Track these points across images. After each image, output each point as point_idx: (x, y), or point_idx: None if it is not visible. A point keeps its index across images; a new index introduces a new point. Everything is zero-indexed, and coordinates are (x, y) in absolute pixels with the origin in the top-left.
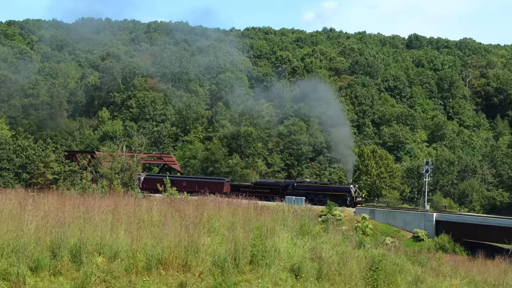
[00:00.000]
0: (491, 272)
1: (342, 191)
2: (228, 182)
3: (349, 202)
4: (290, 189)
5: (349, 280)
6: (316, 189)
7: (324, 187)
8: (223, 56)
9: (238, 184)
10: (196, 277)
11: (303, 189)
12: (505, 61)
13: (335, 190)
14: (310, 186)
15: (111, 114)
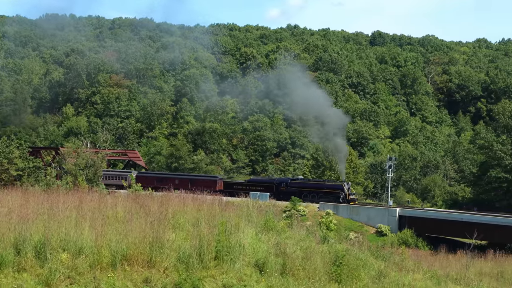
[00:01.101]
0: (453, 266)
1: (335, 188)
2: (221, 180)
3: (342, 199)
4: (283, 186)
5: (313, 275)
6: (310, 186)
7: (317, 184)
8: (188, 52)
9: (232, 181)
10: (160, 273)
11: (297, 186)
12: (466, 58)
13: (328, 187)
14: (304, 183)
15: (76, 111)
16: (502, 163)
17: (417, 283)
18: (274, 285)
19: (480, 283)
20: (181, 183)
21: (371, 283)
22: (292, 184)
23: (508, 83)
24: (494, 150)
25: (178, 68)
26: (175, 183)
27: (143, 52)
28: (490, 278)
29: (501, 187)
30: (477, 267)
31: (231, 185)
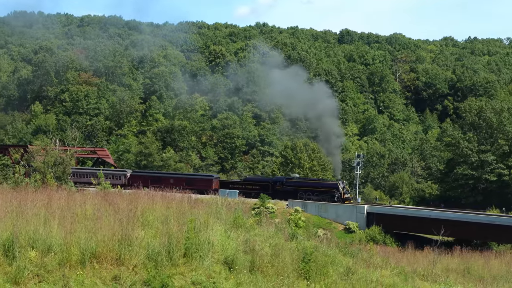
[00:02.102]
0: (420, 262)
1: (330, 187)
2: (217, 179)
3: (337, 198)
4: (279, 185)
5: (281, 271)
6: (305, 185)
7: (313, 183)
8: (157, 50)
9: (227, 180)
10: (130, 270)
11: (293, 185)
12: (433, 56)
13: (323, 186)
14: (300, 182)
15: (44, 108)
16: (468, 160)
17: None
18: (243, 282)
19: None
20: (176, 182)
21: (340, 279)
22: (287, 183)
23: (475, 81)
24: (461, 148)
25: (147, 65)
26: (170, 182)
27: (112, 50)
28: (457, 274)
29: (467, 184)
30: (444, 263)
31: (226, 184)
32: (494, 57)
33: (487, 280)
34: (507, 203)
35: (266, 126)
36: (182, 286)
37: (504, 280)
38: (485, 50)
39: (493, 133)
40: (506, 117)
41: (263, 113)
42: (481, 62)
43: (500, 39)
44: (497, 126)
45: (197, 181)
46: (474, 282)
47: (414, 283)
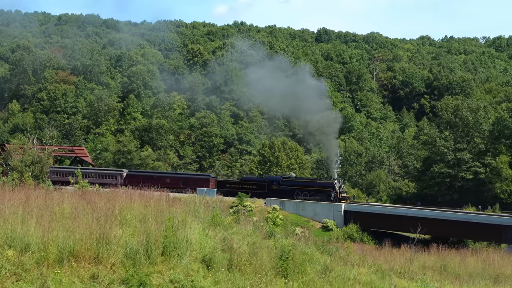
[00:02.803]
0: (397, 260)
1: (327, 186)
2: (214, 179)
3: (333, 198)
4: (275, 185)
5: (259, 269)
6: (302, 184)
7: (309, 182)
8: (135, 49)
9: (224, 180)
10: (108, 269)
11: (289, 184)
12: (410, 54)
13: (319, 185)
14: (296, 181)
15: (22, 107)
16: (445, 159)
17: (362, 277)
18: (221, 280)
19: (423, 276)
20: (173, 182)
21: (317, 277)
22: (284, 182)
23: (451, 80)
24: (437, 146)
25: (125, 64)
26: (167, 182)
27: (90, 48)
28: (434, 271)
29: (444, 182)
30: (421, 260)
31: (223, 184)
32: (470, 56)
33: (464, 278)
34: (483, 201)
35: (244, 125)
36: (160, 284)
37: (480, 277)
38: (461, 49)
39: (469, 132)
40: (482, 116)
41: (241, 112)
42: (457, 61)
43: (476, 38)
44: (473, 125)
45: (194, 181)
46: (451, 280)
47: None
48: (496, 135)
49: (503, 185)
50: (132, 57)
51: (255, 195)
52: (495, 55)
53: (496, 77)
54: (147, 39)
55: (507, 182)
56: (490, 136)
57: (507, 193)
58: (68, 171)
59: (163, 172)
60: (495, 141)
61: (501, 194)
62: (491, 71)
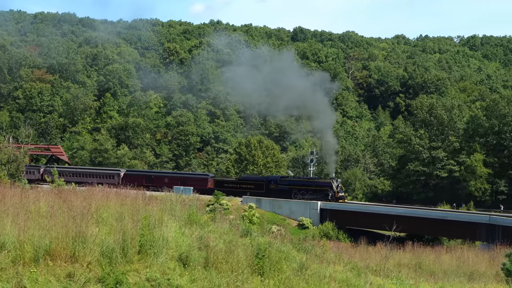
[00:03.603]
0: (373, 258)
1: (324, 185)
2: (212, 178)
3: (331, 197)
4: (273, 184)
5: (236, 267)
6: (299, 184)
7: (307, 182)
8: (111, 47)
9: (222, 179)
10: (84, 267)
11: (287, 184)
12: (385, 53)
13: (317, 185)
14: (293, 181)
15: None
16: (420, 157)
17: (338, 274)
18: (198, 278)
19: (399, 274)
20: (171, 182)
21: (293, 275)
22: (282, 182)
23: (426, 79)
24: (412, 144)
25: (101, 63)
26: (165, 181)
27: (66, 47)
28: (409, 269)
29: (419, 180)
30: (396, 258)
31: (221, 183)
32: (445, 55)
33: (438, 275)
34: (458, 199)
35: (221, 123)
36: (137, 282)
37: (455, 274)
38: (436, 48)
39: (444, 130)
40: (456, 114)
41: (218, 110)
42: (432, 60)
43: (451, 37)
44: (448, 123)
45: (192, 180)
46: (426, 277)
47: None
48: (470, 133)
49: (477, 183)
50: (108, 55)
51: (253, 194)
52: (469, 54)
53: (470, 76)
54: (124, 38)
55: (481, 180)
56: (465, 134)
57: (481, 191)
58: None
59: (161, 171)
60: (470, 139)
61: (475, 192)
62: (465, 70)
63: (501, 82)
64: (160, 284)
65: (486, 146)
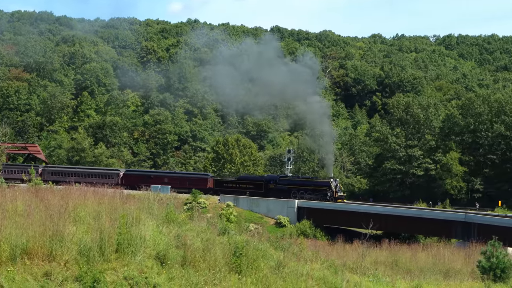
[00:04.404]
0: (350, 255)
1: (322, 185)
2: (212, 178)
3: (329, 197)
4: (272, 184)
5: (213, 266)
6: (298, 183)
7: (305, 181)
8: (88, 46)
9: (222, 179)
10: (61, 266)
11: (286, 183)
12: (362, 52)
13: (315, 185)
14: (292, 180)
15: None
16: (396, 155)
17: (315, 272)
18: (175, 276)
19: (375, 271)
20: (171, 181)
21: (271, 273)
22: (281, 181)
23: (402, 78)
24: (389, 143)
25: (78, 61)
26: (165, 181)
27: (43, 46)
28: (385, 266)
29: (395, 178)
30: (373, 256)
31: (221, 183)
32: (421, 54)
33: (415, 273)
34: (434, 197)
35: (198, 122)
36: (114, 281)
37: (431, 272)
38: (412, 47)
39: (420, 129)
40: (432, 113)
41: (195, 109)
42: (408, 58)
43: (427, 37)
44: (424, 122)
45: (192, 180)
46: (402, 274)
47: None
48: (446, 132)
49: (453, 181)
50: (86, 54)
51: (253, 194)
52: (445, 53)
53: (446, 75)
54: (101, 36)
55: (457, 178)
56: (441, 133)
57: (457, 189)
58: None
59: (161, 171)
60: (445, 138)
61: (451, 190)
62: (441, 69)
63: (477, 81)
64: (137, 282)
65: (462, 144)
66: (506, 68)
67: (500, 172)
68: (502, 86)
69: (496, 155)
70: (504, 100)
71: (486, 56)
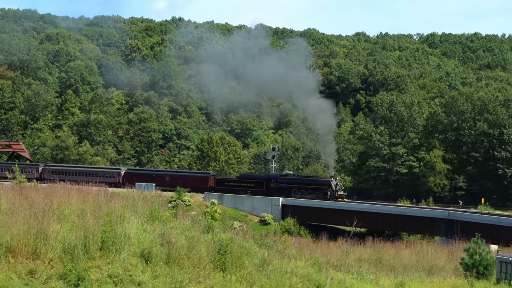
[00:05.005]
0: (334, 253)
1: (323, 184)
2: (213, 176)
3: (329, 195)
4: (273, 182)
5: (198, 263)
6: (299, 182)
7: (306, 180)
8: (73, 44)
9: (223, 178)
10: (45, 264)
11: (286, 182)
12: (346, 51)
13: (316, 183)
14: (293, 179)
15: None
16: (380, 153)
17: (299, 270)
18: (160, 274)
19: (359, 269)
20: (172, 180)
21: (255, 270)
22: (281, 180)
23: (386, 76)
24: (373, 141)
25: (62, 59)
26: (166, 180)
27: (27, 43)
28: (369, 264)
29: (379, 176)
30: (357, 253)
31: (222, 181)
32: (405, 52)
33: (398, 270)
34: (417, 194)
35: (183, 120)
36: (99, 279)
37: (414, 269)
38: (396, 45)
39: (404, 127)
40: (416, 111)
41: (180, 107)
42: (392, 57)
43: (410, 35)
44: (408, 120)
45: (194, 179)
46: (386, 272)
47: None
48: (429, 130)
49: (436, 178)
50: (70, 52)
51: (254, 193)
52: (429, 52)
53: (429, 73)
54: (85, 34)
55: (440, 176)
56: (424, 131)
57: (440, 187)
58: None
59: (162, 170)
60: (429, 135)
61: (435, 188)
62: (424, 67)
63: (460, 79)
64: (122, 280)
65: (445, 142)
66: (489, 67)
67: (483, 170)
68: (485, 84)
69: (479, 153)
70: (487, 98)
71: (469, 55)
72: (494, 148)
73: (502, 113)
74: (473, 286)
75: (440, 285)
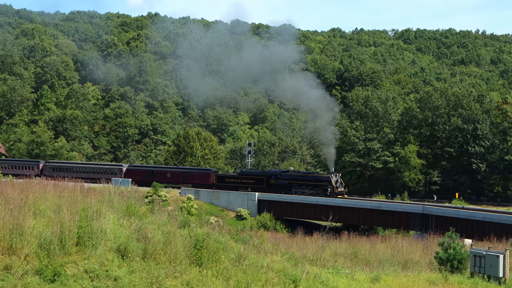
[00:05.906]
0: (310, 248)
1: (323, 180)
2: (214, 173)
3: (329, 192)
4: (274, 179)
5: (174, 258)
6: (299, 179)
7: (306, 176)
8: (48, 39)
9: (224, 174)
10: (21, 259)
11: (287, 178)
12: (322, 46)
13: (316, 180)
14: (294, 175)
15: None
16: (355, 148)
17: (275, 264)
18: (136, 269)
19: (335, 263)
20: (174, 177)
21: (231, 265)
22: (282, 176)
23: (361, 71)
24: (348, 136)
25: (38, 55)
26: (167, 176)
27: (2, 39)
28: (345, 258)
29: (354, 171)
30: (332, 248)
31: (223, 178)
32: (380, 48)
33: (374, 264)
34: (392, 189)
35: (159, 115)
36: (75, 274)
37: (390, 263)
38: (371, 41)
39: (379, 122)
40: (391, 106)
41: (156, 102)
42: (367, 52)
43: (385, 31)
44: (383, 115)
45: (195, 175)
46: (361, 266)
47: (304, 268)
48: (404, 125)
49: (411, 173)
50: (46, 47)
51: (254, 189)
52: (404, 47)
53: (404, 69)
54: (61, 30)
55: (415, 171)
56: (399, 126)
57: (415, 182)
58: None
59: (164, 166)
60: (404, 131)
61: (410, 183)
62: (399, 63)
63: (434, 74)
64: (98, 275)
65: (420, 137)
66: (463, 62)
67: (457, 165)
68: (459, 80)
69: (453, 147)
70: (461, 94)
71: (444, 50)
72: (468, 143)
73: (476, 109)
74: (448, 280)
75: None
